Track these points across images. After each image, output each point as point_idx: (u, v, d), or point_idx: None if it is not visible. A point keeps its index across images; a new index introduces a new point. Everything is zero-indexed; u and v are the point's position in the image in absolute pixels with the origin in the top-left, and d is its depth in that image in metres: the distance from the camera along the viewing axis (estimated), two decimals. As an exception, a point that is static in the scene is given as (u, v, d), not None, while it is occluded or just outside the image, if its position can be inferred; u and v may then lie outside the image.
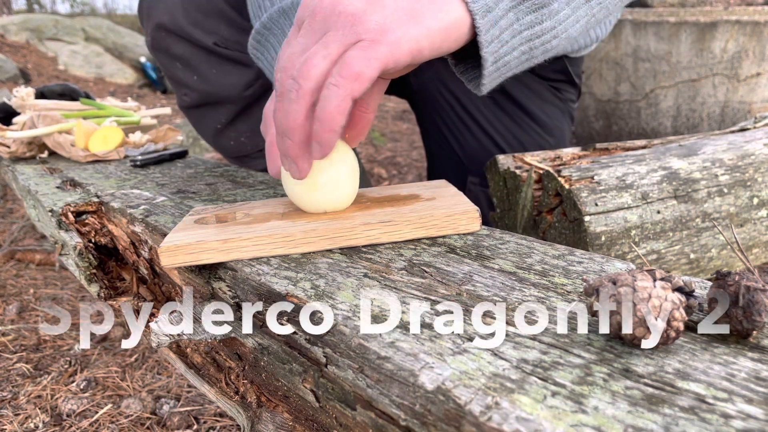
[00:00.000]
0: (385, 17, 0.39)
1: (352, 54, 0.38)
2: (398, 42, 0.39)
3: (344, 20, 0.39)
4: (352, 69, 0.38)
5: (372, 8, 0.39)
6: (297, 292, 0.36)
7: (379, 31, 0.38)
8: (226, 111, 0.97)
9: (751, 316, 0.26)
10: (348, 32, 0.38)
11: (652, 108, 1.75)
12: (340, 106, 0.38)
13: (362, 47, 0.38)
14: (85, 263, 0.62)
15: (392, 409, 0.27)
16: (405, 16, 0.39)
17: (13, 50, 4.29)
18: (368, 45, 0.38)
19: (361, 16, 0.38)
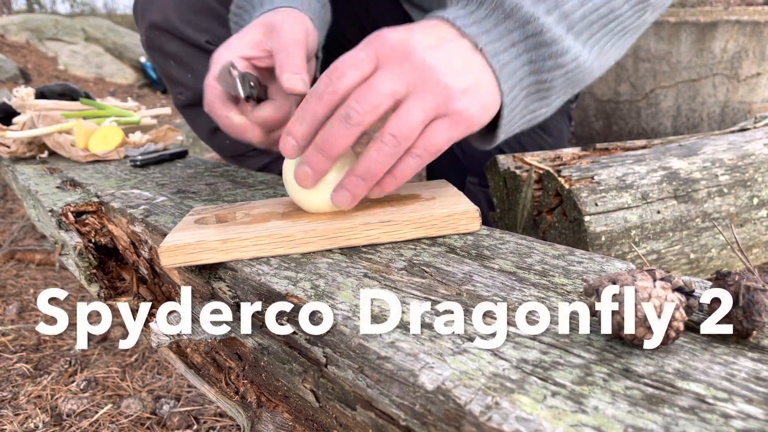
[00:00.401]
0: (469, 102, 0.43)
1: (439, 130, 0.43)
2: (472, 126, 0.44)
3: (438, 89, 0.42)
4: (437, 146, 0.43)
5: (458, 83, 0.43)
6: (297, 292, 0.36)
7: (463, 113, 0.43)
8: None
9: (751, 316, 0.26)
10: (441, 103, 0.42)
11: (652, 108, 1.75)
12: (414, 170, 0.44)
13: (448, 125, 0.43)
14: (85, 263, 0.62)
15: (392, 409, 0.27)
16: (481, 108, 0.44)
17: (13, 50, 4.29)
18: (452, 125, 0.43)
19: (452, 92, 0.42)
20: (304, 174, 0.44)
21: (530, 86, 0.47)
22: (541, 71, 0.46)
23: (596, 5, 0.48)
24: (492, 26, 0.45)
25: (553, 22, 0.45)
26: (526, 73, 0.46)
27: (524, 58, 0.45)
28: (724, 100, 1.67)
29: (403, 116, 0.42)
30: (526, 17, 0.44)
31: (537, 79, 0.47)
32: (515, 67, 0.45)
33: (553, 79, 0.47)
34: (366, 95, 0.41)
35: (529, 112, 0.49)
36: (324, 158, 0.43)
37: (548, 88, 0.48)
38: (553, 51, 0.46)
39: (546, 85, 0.48)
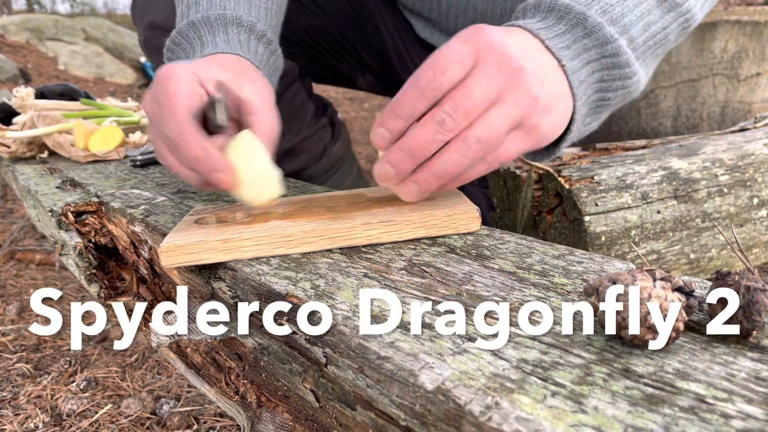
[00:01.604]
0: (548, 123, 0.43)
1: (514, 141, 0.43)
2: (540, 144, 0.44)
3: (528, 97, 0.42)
4: (508, 156, 0.43)
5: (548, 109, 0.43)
6: (297, 292, 0.36)
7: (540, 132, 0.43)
8: None
9: (751, 316, 0.26)
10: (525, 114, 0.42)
11: (652, 108, 1.75)
12: (481, 174, 0.44)
13: (521, 137, 0.43)
14: (85, 263, 0.62)
15: (392, 409, 0.27)
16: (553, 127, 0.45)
17: (13, 50, 4.29)
18: (526, 138, 0.43)
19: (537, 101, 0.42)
20: (386, 173, 0.43)
21: (593, 103, 0.48)
22: (608, 90, 0.48)
23: (656, 31, 0.49)
24: (571, 42, 0.45)
25: (625, 45, 0.46)
26: (593, 90, 0.47)
27: (596, 76, 0.46)
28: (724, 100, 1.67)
29: (492, 123, 0.41)
30: (605, 37, 0.45)
31: (601, 96, 0.48)
32: (588, 84, 0.46)
33: (615, 98, 0.48)
34: (462, 102, 0.41)
35: (584, 126, 0.50)
36: (409, 160, 0.42)
37: (607, 105, 0.49)
38: (624, 73, 0.47)
39: (606, 103, 0.49)
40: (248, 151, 0.47)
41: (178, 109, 0.46)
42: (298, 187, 0.67)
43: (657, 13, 0.49)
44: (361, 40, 1.00)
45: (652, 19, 0.48)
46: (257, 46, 0.59)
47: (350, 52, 1.03)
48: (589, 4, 0.46)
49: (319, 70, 1.07)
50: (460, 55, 0.42)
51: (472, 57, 0.42)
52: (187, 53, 0.58)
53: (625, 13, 0.47)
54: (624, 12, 0.47)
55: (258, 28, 0.59)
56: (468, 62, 0.42)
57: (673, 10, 0.49)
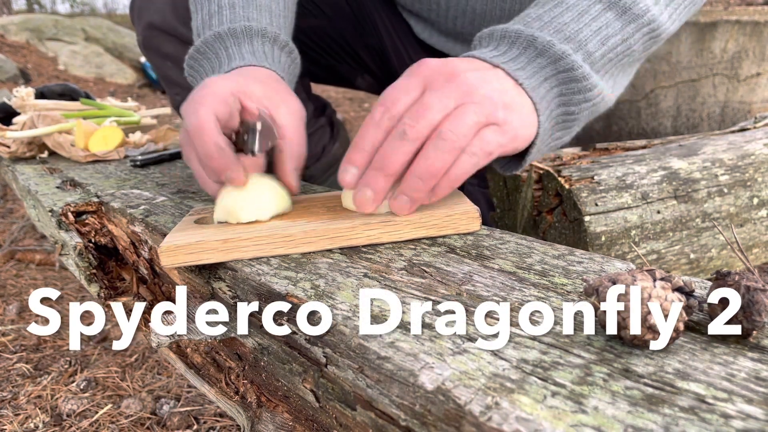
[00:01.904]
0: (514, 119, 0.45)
1: (490, 134, 0.43)
2: (516, 141, 0.46)
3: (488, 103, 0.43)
4: (490, 147, 0.43)
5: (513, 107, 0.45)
6: (297, 292, 0.36)
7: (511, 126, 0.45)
8: None
9: (751, 316, 0.26)
10: (490, 113, 0.43)
11: (652, 108, 1.75)
12: (468, 173, 0.43)
13: (497, 131, 0.44)
14: (85, 263, 0.62)
15: (392, 409, 0.27)
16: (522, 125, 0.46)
17: (13, 50, 4.29)
18: (501, 132, 0.44)
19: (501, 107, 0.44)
20: (363, 197, 0.44)
21: (558, 117, 0.50)
22: (570, 104, 0.49)
23: (616, 43, 0.50)
24: (525, 63, 0.47)
25: (581, 59, 0.48)
26: (555, 105, 0.49)
27: (555, 91, 0.48)
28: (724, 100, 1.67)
29: (458, 117, 0.42)
30: (557, 54, 0.47)
31: (565, 110, 0.50)
32: (548, 100, 0.48)
33: (580, 111, 0.50)
34: (419, 112, 0.42)
35: (553, 140, 0.52)
36: (383, 177, 0.43)
37: (574, 119, 0.51)
38: (582, 86, 0.48)
39: (572, 117, 0.51)
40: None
41: (201, 108, 0.47)
42: (298, 187, 0.67)
43: (616, 26, 0.50)
44: (360, 40, 1.00)
45: (610, 32, 0.50)
46: (280, 55, 0.61)
47: (349, 52, 1.04)
48: (542, 27, 0.49)
49: (318, 71, 1.07)
50: (408, 87, 0.44)
51: (420, 85, 0.44)
52: (213, 64, 0.60)
53: (580, 30, 0.49)
54: (579, 29, 0.49)
55: (281, 38, 0.61)
56: (415, 91, 0.44)
57: (633, 22, 0.51)
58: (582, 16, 0.49)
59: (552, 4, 0.50)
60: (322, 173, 1.09)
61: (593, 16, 0.50)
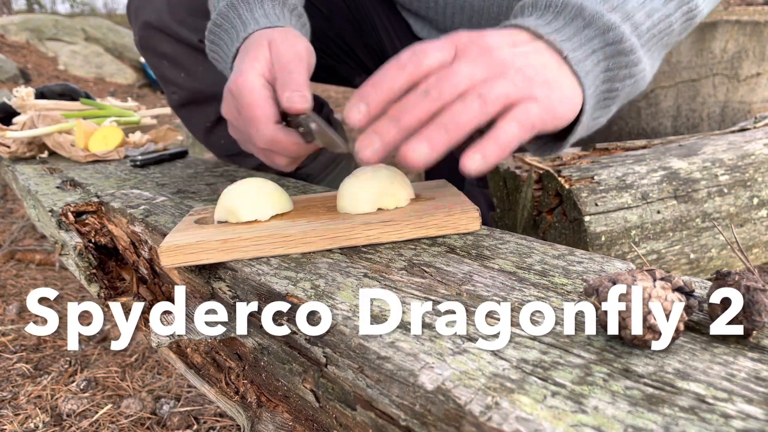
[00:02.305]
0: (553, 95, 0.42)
1: (530, 105, 0.41)
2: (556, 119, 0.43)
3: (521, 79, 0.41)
4: (532, 118, 0.41)
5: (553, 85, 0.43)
6: (297, 292, 0.36)
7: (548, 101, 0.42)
8: (214, 109, 0.97)
9: (751, 316, 0.26)
10: (524, 88, 0.41)
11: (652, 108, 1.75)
12: (514, 140, 0.40)
13: (536, 105, 0.41)
14: (85, 263, 0.62)
15: (392, 409, 0.27)
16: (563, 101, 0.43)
17: (13, 50, 4.29)
18: (540, 107, 0.41)
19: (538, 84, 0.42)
20: (368, 143, 0.40)
21: (601, 94, 0.47)
22: (615, 80, 0.46)
23: (659, 18, 0.48)
24: (572, 34, 0.45)
25: (629, 31, 0.45)
26: (601, 81, 0.46)
27: (602, 65, 0.45)
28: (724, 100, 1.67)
29: (488, 84, 0.40)
30: (607, 25, 0.44)
31: (609, 87, 0.47)
32: (595, 75, 0.45)
33: (623, 88, 0.47)
34: (447, 76, 0.40)
35: (593, 119, 0.49)
36: (396, 130, 0.40)
37: (615, 96, 0.48)
38: (630, 60, 0.46)
39: (614, 94, 0.48)
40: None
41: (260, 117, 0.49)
42: (298, 187, 0.67)
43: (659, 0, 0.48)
44: (359, 40, 1.00)
45: (655, 6, 0.47)
46: (290, 18, 0.62)
47: (348, 52, 1.03)
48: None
49: (317, 71, 1.07)
50: (441, 46, 0.42)
51: (452, 51, 0.42)
52: (230, 34, 0.60)
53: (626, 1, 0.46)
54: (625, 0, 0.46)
55: (289, 2, 0.62)
56: (448, 53, 0.42)
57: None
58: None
59: None
60: (320, 172, 1.09)
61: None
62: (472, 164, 0.40)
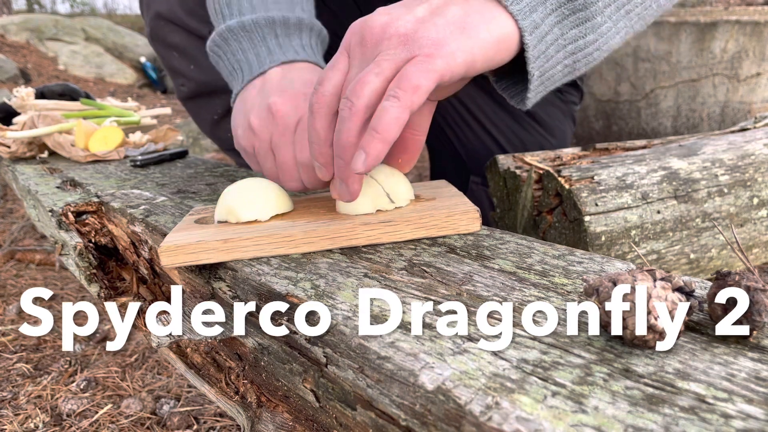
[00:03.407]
0: (437, 32, 0.39)
1: (409, 68, 0.38)
2: (453, 54, 0.39)
3: (396, 41, 0.39)
4: (411, 81, 0.38)
5: (423, 26, 0.39)
6: (297, 292, 0.36)
7: (434, 46, 0.39)
8: (222, 101, 0.97)
9: (752, 316, 0.26)
10: (400, 51, 0.39)
11: (652, 108, 1.75)
12: (399, 118, 0.38)
13: (418, 62, 0.38)
14: (85, 263, 0.62)
15: (392, 409, 0.27)
16: (457, 29, 0.40)
17: (13, 50, 4.29)
18: (424, 59, 0.38)
19: (412, 35, 0.39)
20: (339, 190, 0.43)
21: (561, 5, 0.42)
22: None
23: None
24: None
25: None
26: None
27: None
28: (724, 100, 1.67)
29: (359, 83, 0.39)
30: None
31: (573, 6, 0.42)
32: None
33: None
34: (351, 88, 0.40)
35: (570, 40, 0.43)
36: (342, 161, 0.41)
37: (586, 5, 0.42)
38: None
39: (582, 1, 0.42)
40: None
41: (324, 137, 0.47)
42: (298, 187, 0.67)
43: None
44: None
45: None
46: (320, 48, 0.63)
47: None
48: None
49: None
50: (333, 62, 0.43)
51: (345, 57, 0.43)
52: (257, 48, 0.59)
53: None
54: None
55: (316, 27, 0.62)
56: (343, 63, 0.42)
57: None
58: None
59: None
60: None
61: None
62: (357, 164, 0.39)
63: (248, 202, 0.47)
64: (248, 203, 0.47)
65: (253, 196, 0.47)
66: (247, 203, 0.47)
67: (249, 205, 0.46)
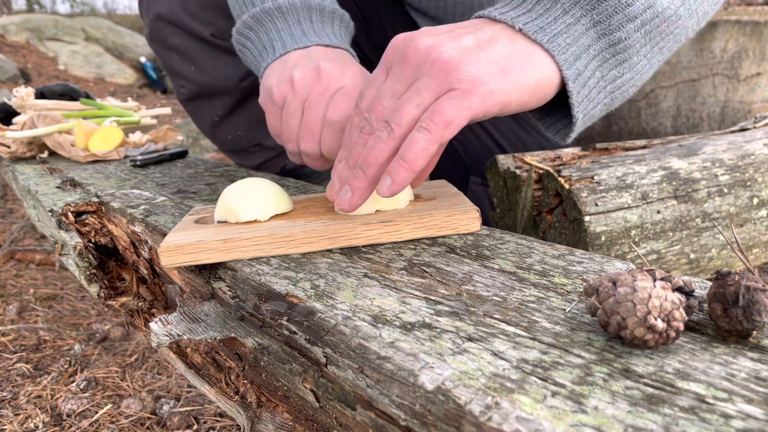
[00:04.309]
0: (479, 69, 0.40)
1: (445, 102, 0.39)
2: (491, 94, 0.40)
3: (438, 68, 0.40)
4: (444, 116, 0.39)
5: (467, 59, 0.40)
6: (297, 292, 0.36)
7: (472, 82, 0.39)
8: (222, 103, 0.97)
9: (751, 316, 0.26)
10: (441, 81, 0.40)
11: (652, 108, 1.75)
12: (427, 150, 0.39)
13: (455, 96, 0.39)
14: (85, 263, 0.62)
15: (392, 409, 0.27)
16: (498, 69, 0.40)
17: (13, 50, 4.29)
18: (461, 94, 0.39)
19: (455, 66, 0.39)
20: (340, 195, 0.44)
21: (603, 51, 0.43)
22: (611, 30, 0.42)
23: None
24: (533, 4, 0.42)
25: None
26: (592, 37, 0.42)
27: (585, 21, 0.42)
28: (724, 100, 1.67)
29: (393, 101, 0.41)
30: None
31: (609, 40, 0.43)
32: (576, 34, 0.42)
33: (628, 36, 0.43)
34: (373, 106, 0.42)
35: (609, 81, 0.45)
36: (362, 173, 0.42)
37: (625, 47, 0.43)
38: (615, 3, 0.42)
39: (622, 45, 0.43)
40: None
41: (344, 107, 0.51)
42: (298, 187, 0.67)
43: None
44: (366, 39, 1.00)
45: None
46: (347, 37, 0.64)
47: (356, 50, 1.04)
48: None
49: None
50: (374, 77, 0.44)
51: (384, 72, 0.43)
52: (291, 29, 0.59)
53: None
54: None
55: (346, 17, 0.64)
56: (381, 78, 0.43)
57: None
58: None
59: None
60: (321, 172, 1.09)
61: None
62: (382, 188, 0.41)
63: (248, 202, 0.47)
64: (248, 203, 0.47)
65: (252, 196, 0.47)
66: (246, 203, 0.47)
67: (249, 205, 0.47)
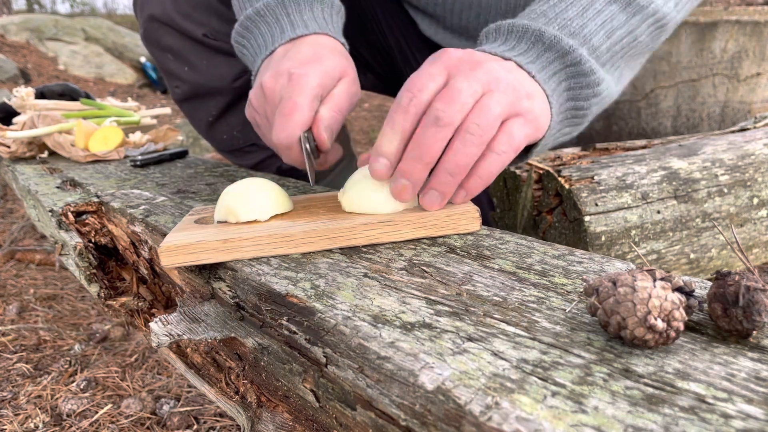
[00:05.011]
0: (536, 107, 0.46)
1: (516, 126, 0.44)
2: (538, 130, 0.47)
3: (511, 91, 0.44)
4: (517, 141, 0.44)
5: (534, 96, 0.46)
6: (297, 292, 0.36)
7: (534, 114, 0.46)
8: (217, 103, 0.97)
9: (751, 316, 0.26)
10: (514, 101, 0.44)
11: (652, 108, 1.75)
12: (500, 170, 0.45)
13: (522, 122, 0.45)
14: (85, 263, 0.62)
15: (392, 409, 0.27)
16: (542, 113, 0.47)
17: (13, 50, 4.29)
18: (526, 122, 0.45)
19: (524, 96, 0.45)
20: (402, 187, 0.44)
21: (567, 111, 0.51)
22: (579, 98, 0.50)
23: (621, 36, 0.51)
24: (535, 57, 0.48)
25: (586, 53, 0.49)
26: (564, 99, 0.50)
27: (564, 85, 0.49)
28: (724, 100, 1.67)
29: (484, 108, 0.43)
30: (564, 49, 0.48)
31: (574, 105, 0.50)
32: (558, 93, 0.49)
33: (589, 106, 0.51)
34: (450, 97, 0.43)
35: (561, 135, 0.52)
36: (421, 166, 0.43)
37: (583, 114, 0.51)
38: (590, 80, 0.49)
39: (582, 112, 0.51)
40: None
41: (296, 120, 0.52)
42: (298, 187, 0.67)
43: (621, 18, 0.51)
44: (363, 38, 1.00)
45: (615, 25, 0.50)
46: (336, 18, 0.65)
47: (351, 50, 1.03)
48: (548, 22, 0.49)
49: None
50: (432, 74, 0.45)
51: (444, 73, 0.45)
52: (272, 29, 0.61)
53: (584, 24, 0.49)
54: (584, 23, 0.50)
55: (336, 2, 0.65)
56: (442, 77, 0.45)
57: (638, 13, 0.51)
58: (586, 10, 0.50)
59: (556, 0, 0.51)
60: (321, 172, 1.09)
61: (597, 10, 0.50)
62: (458, 197, 0.45)
63: (248, 202, 0.47)
64: (248, 203, 0.47)
65: (252, 196, 0.47)
66: (246, 203, 0.47)
67: (248, 205, 0.47)
